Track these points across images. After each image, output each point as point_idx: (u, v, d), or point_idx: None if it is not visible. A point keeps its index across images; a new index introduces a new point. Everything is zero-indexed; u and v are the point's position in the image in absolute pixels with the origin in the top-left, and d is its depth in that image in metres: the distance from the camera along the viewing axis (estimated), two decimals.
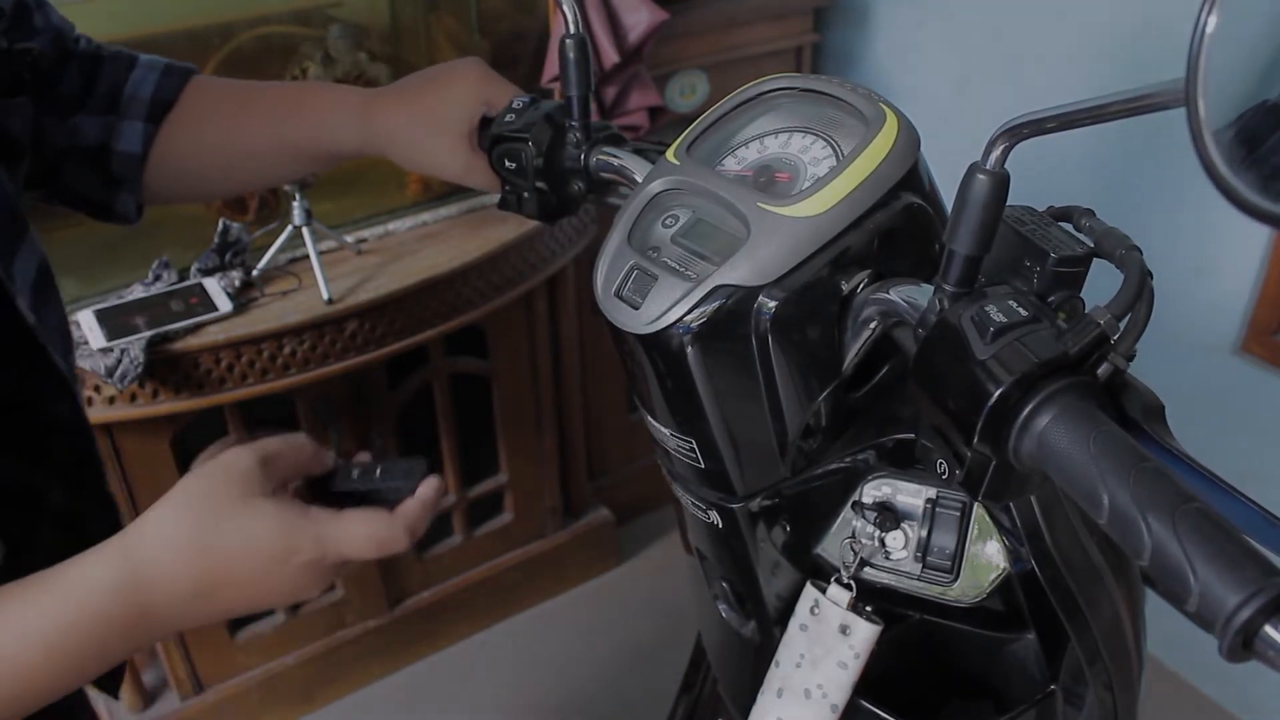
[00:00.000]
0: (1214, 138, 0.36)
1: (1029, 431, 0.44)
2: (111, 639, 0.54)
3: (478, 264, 1.51)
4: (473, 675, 1.88)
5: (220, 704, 1.70)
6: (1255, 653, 0.36)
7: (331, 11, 1.58)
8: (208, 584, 0.55)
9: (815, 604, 0.64)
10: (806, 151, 0.59)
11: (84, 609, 0.53)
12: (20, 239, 0.66)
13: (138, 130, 0.77)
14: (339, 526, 0.57)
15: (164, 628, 0.55)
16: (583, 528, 2.02)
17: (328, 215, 1.50)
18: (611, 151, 0.72)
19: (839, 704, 0.63)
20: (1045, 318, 0.46)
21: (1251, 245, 1.51)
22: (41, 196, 0.77)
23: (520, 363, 1.77)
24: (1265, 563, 0.36)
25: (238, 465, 0.56)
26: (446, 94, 0.76)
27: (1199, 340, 1.60)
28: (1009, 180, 0.46)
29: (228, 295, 1.37)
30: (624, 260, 0.57)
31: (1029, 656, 0.66)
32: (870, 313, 0.55)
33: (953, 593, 0.63)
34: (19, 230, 0.66)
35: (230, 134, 0.80)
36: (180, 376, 1.34)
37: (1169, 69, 0.37)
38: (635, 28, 1.61)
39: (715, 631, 0.75)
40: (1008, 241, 0.52)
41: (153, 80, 0.77)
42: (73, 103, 0.76)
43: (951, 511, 0.62)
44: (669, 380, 0.56)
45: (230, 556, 0.54)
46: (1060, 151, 1.30)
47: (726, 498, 0.61)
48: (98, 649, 0.54)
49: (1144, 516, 0.39)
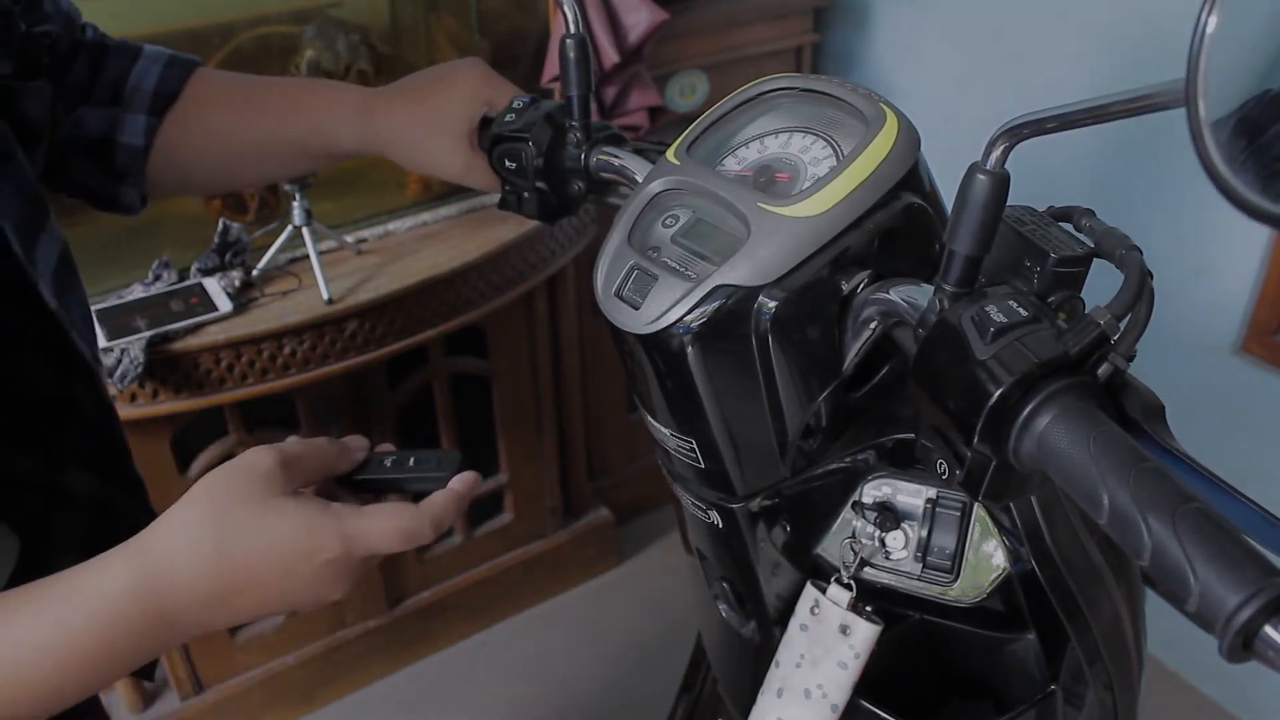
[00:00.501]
0: (1214, 138, 0.36)
1: (1029, 432, 0.44)
2: (129, 643, 0.52)
3: (478, 264, 1.51)
4: (473, 675, 1.88)
5: (220, 704, 1.70)
6: (1255, 653, 0.36)
7: (332, 11, 1.58)
8: (228, 585, 0.53)
9: (815, 604, 0.64)
10: (807, 151, 0.59)
11: (101, 613, 0.51)
12: (42, 225, 0.66)
13: (140, 123, 0.77)
14: (362, 521, 0.55)
15: (183, 631, 0.54)
16: (583, 528, 2.02)
17: (328, 215, 1.50)
18: (612, 151, 0.72)
19: (839, 704, 0.63)
20: (1045, 318, 0.46)
21: (1251, 245, 1.51)
22: (46, 186, 0.77)
23: (520, 363, 1.77)
24: (1265, 563, 0.36)
25: (258, 465, 0.54)
26: (447, 94, 0.76)
27: (1199, 340, 1.60)
28: (1009, 180, 0.46)
29: (228, 295, 1.37)
30: (624, 260, 0.57)
31: (1029, 656, 0.66)
32: (870, 313, 0.55)
33: (953, 593, 0.63)
34: (40, 216, 0.66)
35: (232, 129, 0.80)
36: (180, 376, 1.34)
37: (1169, 69, 0.37)
38: (635, 28, 1.61)
39: (715, 631, 0.75)
40: (1008, 241, 0.52)
41: (156, 73, 0.77)
42: (80, 93, 0.76)
43: (952, 511, 0.62)
44: (669, 380, 0.56)
45: (251, 556, 0.53)
46: (1061, 152, 1.30)
47: (726, 498, 0.61)
48: (115, 654, 0.52)
49: (1144, 516, 0.39)
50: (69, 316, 0.66)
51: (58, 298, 0.65)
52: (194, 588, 0.52)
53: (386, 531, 0.55)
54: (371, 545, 0.55)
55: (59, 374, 0.67)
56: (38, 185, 0.67)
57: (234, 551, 0.53)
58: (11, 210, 0.62)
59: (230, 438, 1.51)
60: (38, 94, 0.70)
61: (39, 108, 0.71)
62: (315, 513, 0.54)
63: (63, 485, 0.68)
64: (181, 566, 0.52)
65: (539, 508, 1.94)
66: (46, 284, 0.64)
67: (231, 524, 0.53)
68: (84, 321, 0.70)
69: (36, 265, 0.63)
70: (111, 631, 0.51)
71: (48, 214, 0.67)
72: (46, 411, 0.67)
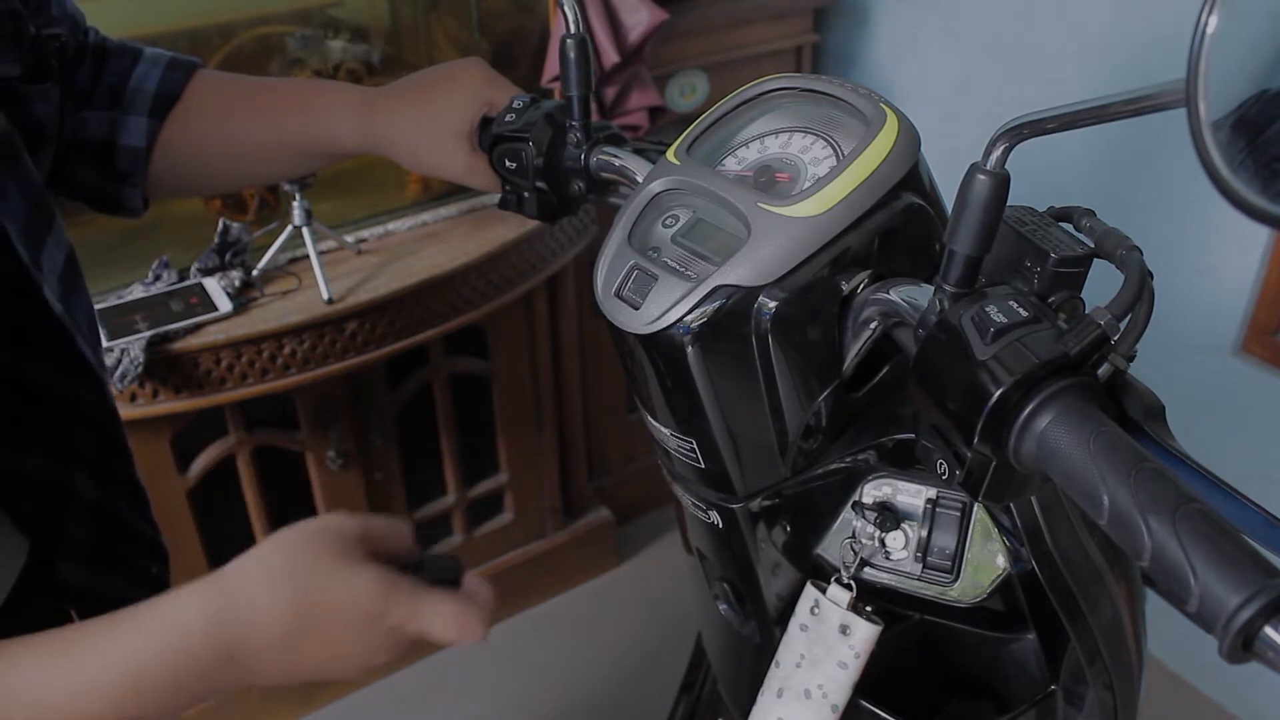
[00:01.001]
0: (1214, 138, 0.36)
1: (1029, 432, 0.44)
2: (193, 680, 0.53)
3: (478, 264, 1.51)
4: (473, 675, 1.88)
5: (220, 704, 1.69)
6: (1255, 654, 0.36)
7: (332, 11, 1.58)
8: (298, 632, 0.53)
9: (815, 604, 0.64)
10: (807, 151, 0.59)
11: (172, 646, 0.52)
12: (48, 229, 0.66)
13: (142, 125, 0.77)
14: (430, 601, 0.55)
15: (246, 673, 0.54)
16: (583, 528, 2.02)
17: (328, 215, 1.50)
18: (612, 151, 0.72)
19: (839, 704, 0.63)
20: (1045, 318, 0.46)
21: (1251, 245, 1.51)
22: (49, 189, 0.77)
23: (520, 363, 1.77)
24: (1265, 564, 0.36)
25: (342, 528, 0.55)
26: (448, 94, 0.76)
27: (1199, 340, 1.60)
28: (1009, 181, 0.46)
29: (228, 295, 1.37)
30: (624, 260, 0.57)
31: (1029, 657, 0.66)
32: (870, 313, 0.55)
33: (953, 593, 0.63)
34: (46, 220, 0.66)
35: (233, 130, 0.80)
36: (180, 376, 1.34)
37: (1169, 69, 0.37)
38: (635, 28, 1.61)
39: (715, 631, 0.75)
40: (1008, 242, 0.52)
41: (157, 75, 0.78)
42: (82, 96, 0.76)
43: (952, 512, 0.62)
44: (669, 380, 0.56)
45: (327, 608, 0.53)
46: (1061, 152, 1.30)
47: (727, 498, 0.61)
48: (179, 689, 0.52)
49: (1144, 517, 0.39)
50: (73, 322, 0.66)
51: (62, 302, 0.65)
52: (268, 628, 0.53)
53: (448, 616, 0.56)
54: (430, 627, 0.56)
55: (64, 376, 0.67)
56: (44, 189, 0.67)
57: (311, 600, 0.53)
58: (18, 213, 0.62)
59: (230, 438, 1.51)
60: (46, 97, 0.70)
61: (47, 111, 0.70)
62: (393, 579, 0.55)
63: (69, 486, 0.68)
64: (259, 605, 0.53)
65: (539, 508, 1.94)
66: (52, 288, 0.64)
67: (312, 575, 0.53)
68: (89, 326, 0.70)
69: (42, 269, 0.63)
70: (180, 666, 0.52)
71: (54, 217, 0.67)
72: (53, 411, 0.67)
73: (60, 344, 0.65)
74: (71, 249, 0.69)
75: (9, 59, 0.66)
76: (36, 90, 0.69)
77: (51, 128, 0.71)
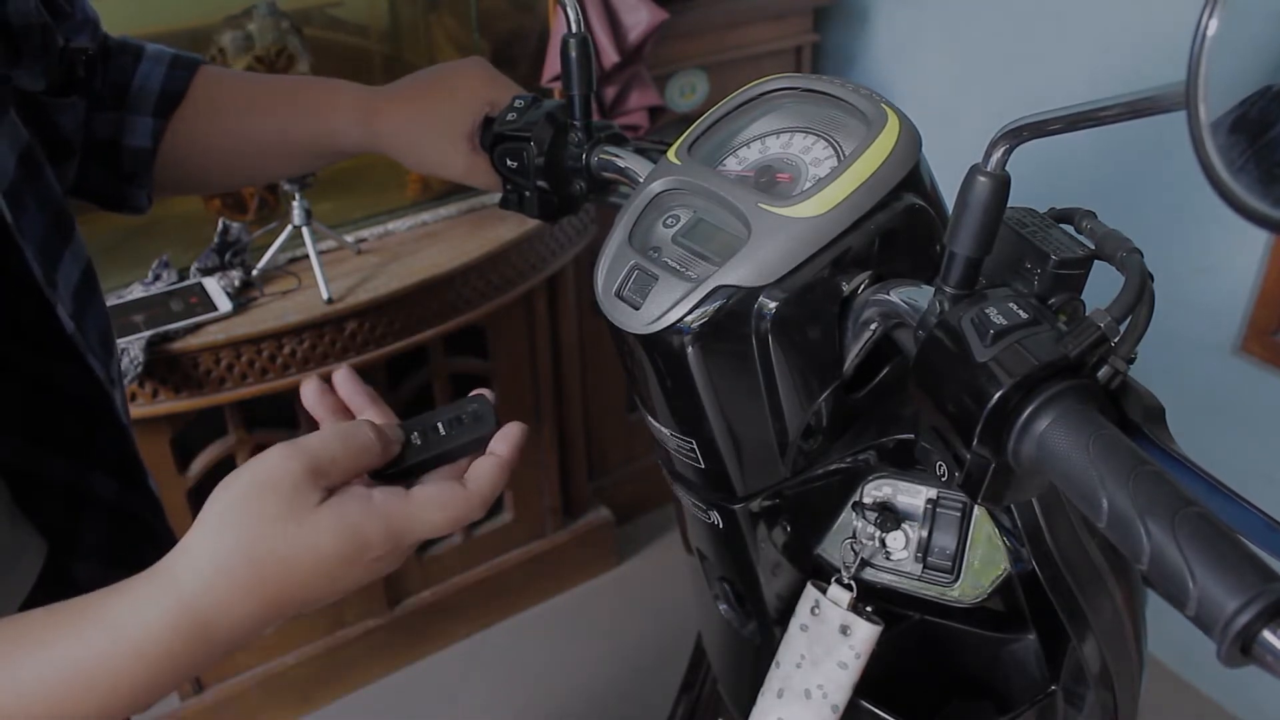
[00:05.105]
0: (1214, 141, 0.36)
1: (1029, 434, 0.44)
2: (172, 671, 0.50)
3: (478, 264, 1.51)
4: (472, 675, 1.88)
5: (220, 704, 1.70)
6: (1253, 657, 0.36)
7: (332, 11, 1.58)
8: (273, 599, 0.49)
9: (816, 604, 0.64)
10: (808, 152, 0.58)
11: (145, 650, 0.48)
12: (66, 244, 0.65)
13: (147, 125, 0.76)
14: (409, 513, 0.51)
15: (230, 644, 0.51)
16: (582, 528, 2.02)
17: (328, 215, 1.50)
18: (613, 151, 0.72)
19: (839, 704, 0.63)
20: (1045, 320, 0.46)
21: (1251, 245, 1.51)
22: None
23: (520, 363, 1.77)
24: (1264, 568, 0.36)
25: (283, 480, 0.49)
26: (450, 94, 0.76)
27: (1199, 340, 1.60)
28: (1010, 182, 0.46)
29: (227, 295, 1.37)
30: (624, 260, 0.57)
31: (1029, 657, 0.66)
32: (871, 314, 0.55)
33: (953, 593, 0.63)
34: (65, 234, 0.65)
35: (236, 129, 0.80)
36: (180, 376, 1.34)
37: (1169, 71, 0.37)
38: (635, 28, 1.61)
39: (715, 631, 0.75)
40: (1008, 243, 0.52)
41: (160, 73, 0.77)
42: (93, 99, 0.75)
43: (952, 512, 0.62)
44: (669, 380, 0.56)
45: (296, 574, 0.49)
46: (1061, 153, 1.30)
47: (727, 498, 0.61)
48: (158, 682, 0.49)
49: (1143, 520, 0.39)
50: (85, 339, 0.65)
51: (75, 319, 0.64)
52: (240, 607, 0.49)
53: (435, 521, 0.52)
54: (421, 535, 0.52)
55: (80, 391, 0.67)
56: (64, 201, 0.65)
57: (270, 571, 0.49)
58: (37, 227, 0.61)
59: (230, 438, 1.51)
60: (70, 110, 0.69)
61: (71, 123, 0.70)
62: (358, 517, 0.50)
63: (87, 489, 0.68)
64: (220, 590, 0.49)
65: (539, 508, 1.94)
66: (65, 304, 0.63)
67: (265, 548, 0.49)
68: (102, 341, 0.68)
69: (57, 286, 0.63)
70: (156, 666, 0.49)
71: (73, 231, 0.66)
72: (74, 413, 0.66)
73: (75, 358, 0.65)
74: (89, 263, 0.68)
75: (36, 73, 0.65)
76: (63, 104, 0.69)
77: (75, 140, 0.71)
